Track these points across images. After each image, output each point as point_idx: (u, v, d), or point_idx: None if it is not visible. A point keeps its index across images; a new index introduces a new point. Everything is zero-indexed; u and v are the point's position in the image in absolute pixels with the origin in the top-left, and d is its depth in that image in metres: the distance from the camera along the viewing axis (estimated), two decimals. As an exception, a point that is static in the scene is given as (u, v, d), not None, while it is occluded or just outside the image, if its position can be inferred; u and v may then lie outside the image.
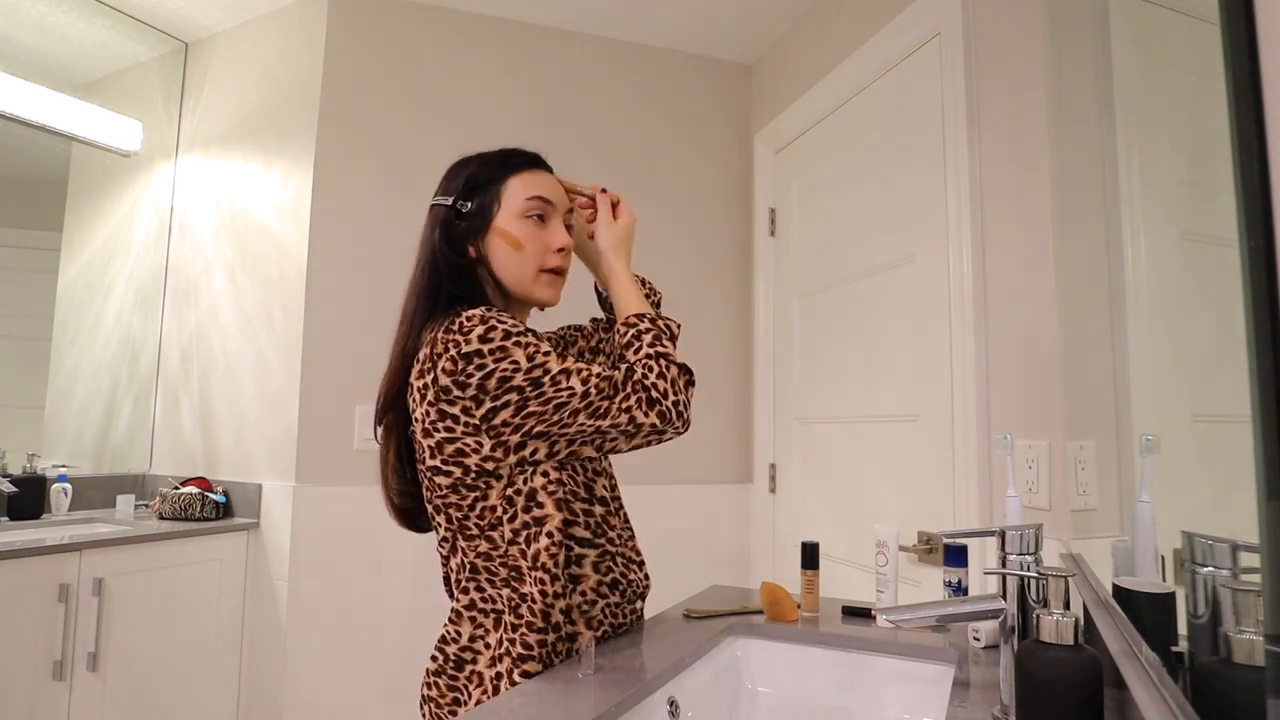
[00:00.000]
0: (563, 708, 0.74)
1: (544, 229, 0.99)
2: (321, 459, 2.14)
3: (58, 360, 2.27)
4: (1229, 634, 0.44)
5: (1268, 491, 0.34)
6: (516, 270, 0.97)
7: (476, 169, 1.00)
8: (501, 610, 0.89)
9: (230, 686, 2.14)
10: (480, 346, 0.84)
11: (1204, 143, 0.47)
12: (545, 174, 1.02)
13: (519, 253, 0.96)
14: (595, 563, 0.95)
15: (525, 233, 0.97)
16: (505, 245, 0.97)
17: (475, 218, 0.97)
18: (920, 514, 1.69)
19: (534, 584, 0.87)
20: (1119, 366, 0.78)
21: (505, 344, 0.84)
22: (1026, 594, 0.76)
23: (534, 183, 0.99)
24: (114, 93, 2.39)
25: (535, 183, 0.99)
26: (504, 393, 0.84)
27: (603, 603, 0.96)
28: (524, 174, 0.99)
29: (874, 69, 1.92)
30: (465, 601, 0.91)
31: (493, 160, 1.01)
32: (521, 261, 0.97)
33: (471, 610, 0.90)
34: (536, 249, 0.97)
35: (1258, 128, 0.35)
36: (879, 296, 1.89)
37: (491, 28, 2.40)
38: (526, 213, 0.97)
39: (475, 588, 0.90)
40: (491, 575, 0.89)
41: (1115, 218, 0.79)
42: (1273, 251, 0.34)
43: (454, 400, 0.85)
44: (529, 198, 0.97)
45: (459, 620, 0.91)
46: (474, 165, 1.01)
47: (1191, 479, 0.56)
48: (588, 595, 0.94)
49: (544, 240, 0.98)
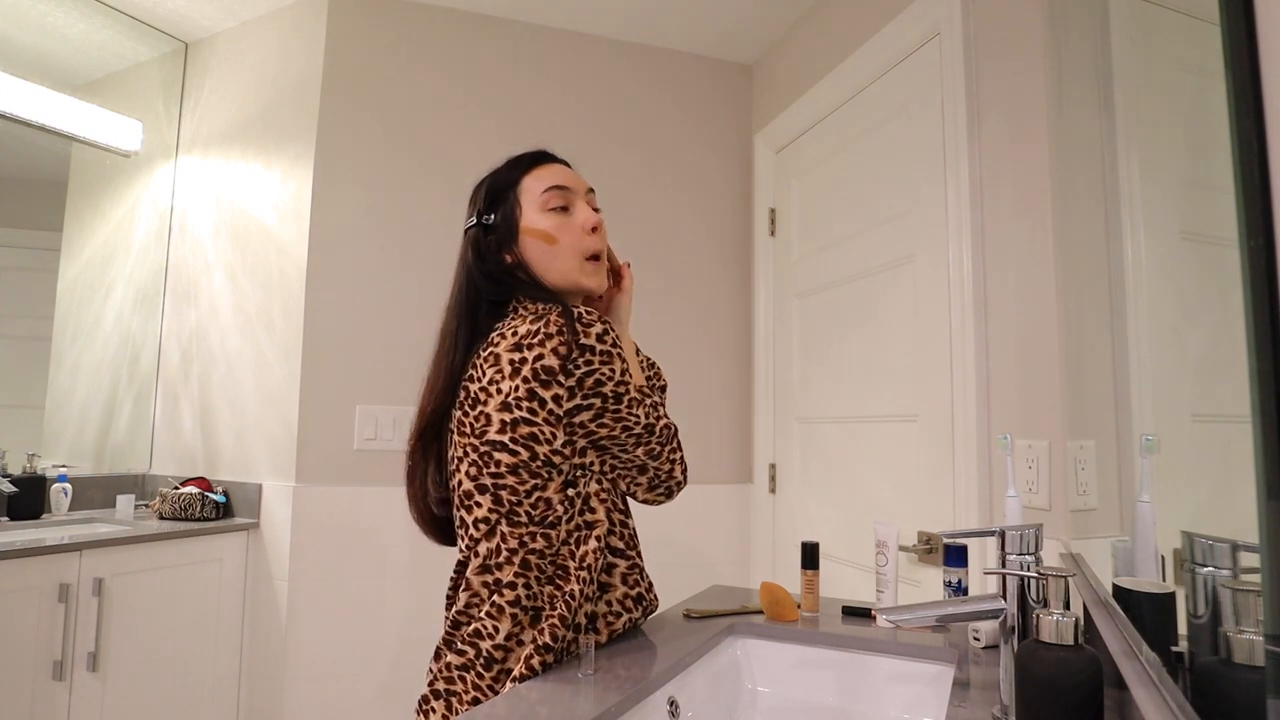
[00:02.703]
0: (563, 708, 0.74)
1: (570, 216, 0.99)
2: (321, 459, 2.14)
3: (58, 360, 2.27)
4: (1229, 634, 0.44)
5: (1268, 491, 0.34)
6: (557, 264, 0.97)
7: (490, 181, 1.02)
8: (541, 607, 0.89)
9: (230, 686, 2.14)
10: (595, 344, 0.86)
11: (1204, 142, 0.47)
12: (556, 164, 1.03)
13: (554, 246, 0.97)
14: (624, 574, 0.96)
15: (554, 224, 0.97)
16: (538, 243, 0.97)
17: (501, 226, 0.98)
18: (920, 514, 1.69)
19: (577, 582, 0.88)
20: (1119, 366, 0.78)
21: (612, 351, 0.87)
22: (1026, 594, 0.76)
23: (546, 175, 1.00)
24: (114, 93, 2.39)
25: (548, 175, 1.00)
26: (594, 396, 0.86)
27: (626, 616, 0.97)
28: (535, 170, 1.00)
29: (874, 69, 1.92)
30: (510, 597, 0.88)
31: (502, 168, 1.03)
32: (559, 254, 0.97)
33: (515, 606, 0.88)
34: (570, 238, 0.98)
35: (1258, 128, 0.35)
36: (879, 296, 1.89)
37: (492, 27, 2.40)
38: (548, 205, 0.98)
39: (524, 584, 0.88)
40: (541, 572, 0.89)
41: (1115, 218, 0.79)
42: (1273, 251, 0.34)
43: (551, 384, 0.85)
44: (546, 189, 0.98)
45: (499, 615, 0.88)
46: (487, 179, 1.03)
47: (1191, 479, 0.56)
48: (614, 606, 0.94)
49: (574, 226, 0.98)
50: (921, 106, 1.74)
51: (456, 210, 2.31)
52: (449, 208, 2.30)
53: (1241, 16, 0.36)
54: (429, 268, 2.25)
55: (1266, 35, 0.35)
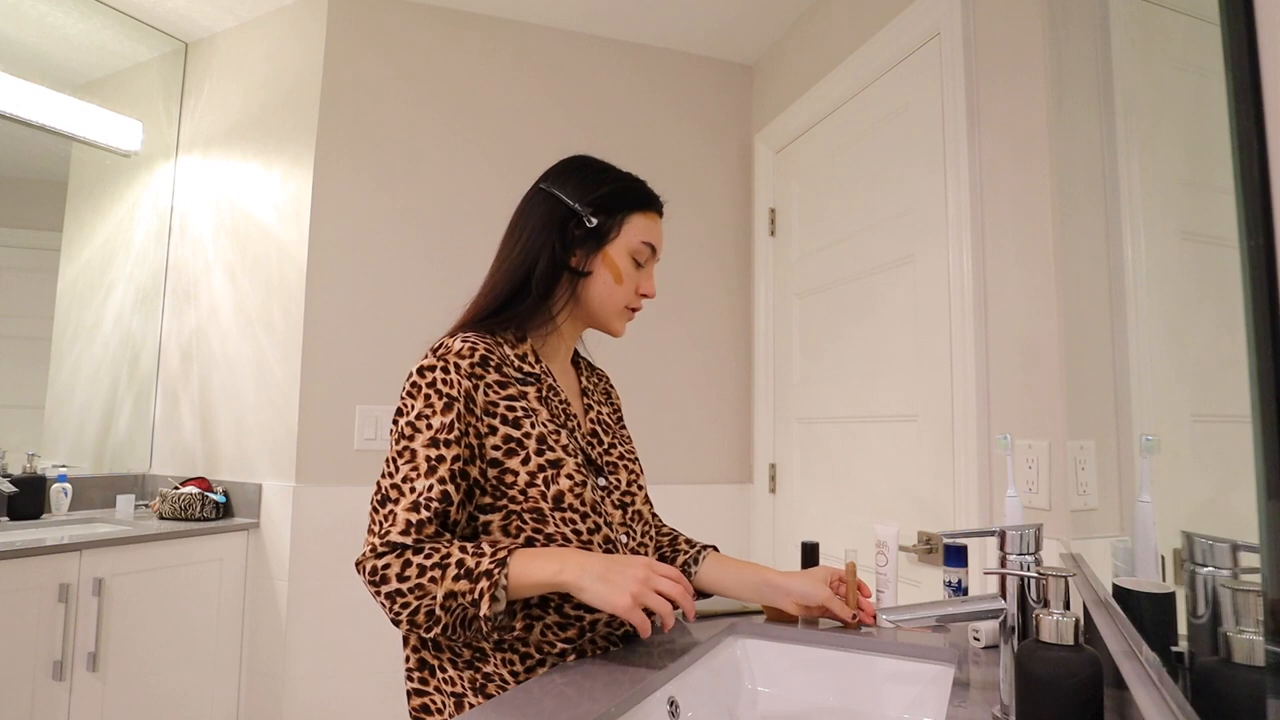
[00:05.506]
0: (563, 707, 0.74)
1: (640, 272, 1.01)
2: (321, 459, 2.14)
3: (58, 360, 2.27)
4: (1229, 634, 0.44)
5: (1268, 491, 0.34)
6: (608, 300, 0.99)
7: (612, 190, 1.00)
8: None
9: (230, 686, 2.14)
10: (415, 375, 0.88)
11: (1204, 142, 0.47)
12: (659, 220, 1.04)
13: (617, 287, 0.99)
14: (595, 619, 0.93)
15: (628, 270, 1.00)
16: (608, 275, 0.99)
17: (594, 235, 0.98)
18: (920, 514, 1.69)
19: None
20: (1119, 366, 0.78)
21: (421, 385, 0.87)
22: (1026, 594, 0.76)
23: (651, 228, 1.01)
24: (114, 93, 2.39)
25: (652, 228, 1.02)
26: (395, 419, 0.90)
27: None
28: (649, 214, 1.02)
29: (874, 69, 1.92)
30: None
31: (627, 188, 1.01)
32: (614, 294, 0.99)
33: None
34: (630, 288, 1.00)
35: (1258, 128, 0.35)
36: (879, 296, 1.89)
37: (492, 27, 2.40)
38: (636, 254, 1.00)
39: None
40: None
41: (1115, 217, 0.79)
42: (1273, 251, 0.34)
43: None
44: (644, 241, 1.00)
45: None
46: (609, 184, 1.00)
47: (1191, 479, 0.56)
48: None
49: (637, 282, 1.01)
50: (921, 106, 1.74)
51: (457, 210, 2.32)
52: (449, 208, 2.30)
53: (1241, 16, 0.36)
54: (429, 268, 2.25)
55: (1266, 35, 0.35)
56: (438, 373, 0.87)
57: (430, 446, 0.85)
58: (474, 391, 0.87)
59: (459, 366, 0.87)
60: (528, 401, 0.92)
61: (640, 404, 2.41)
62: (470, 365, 0.88)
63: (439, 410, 0.85)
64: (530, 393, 0.93)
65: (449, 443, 0.85)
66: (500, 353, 0.92)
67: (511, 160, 2.34)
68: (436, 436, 0.85)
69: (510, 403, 0.90)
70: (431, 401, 0.86)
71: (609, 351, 1.31)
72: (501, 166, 2.33)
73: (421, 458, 0.84)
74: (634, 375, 2.39)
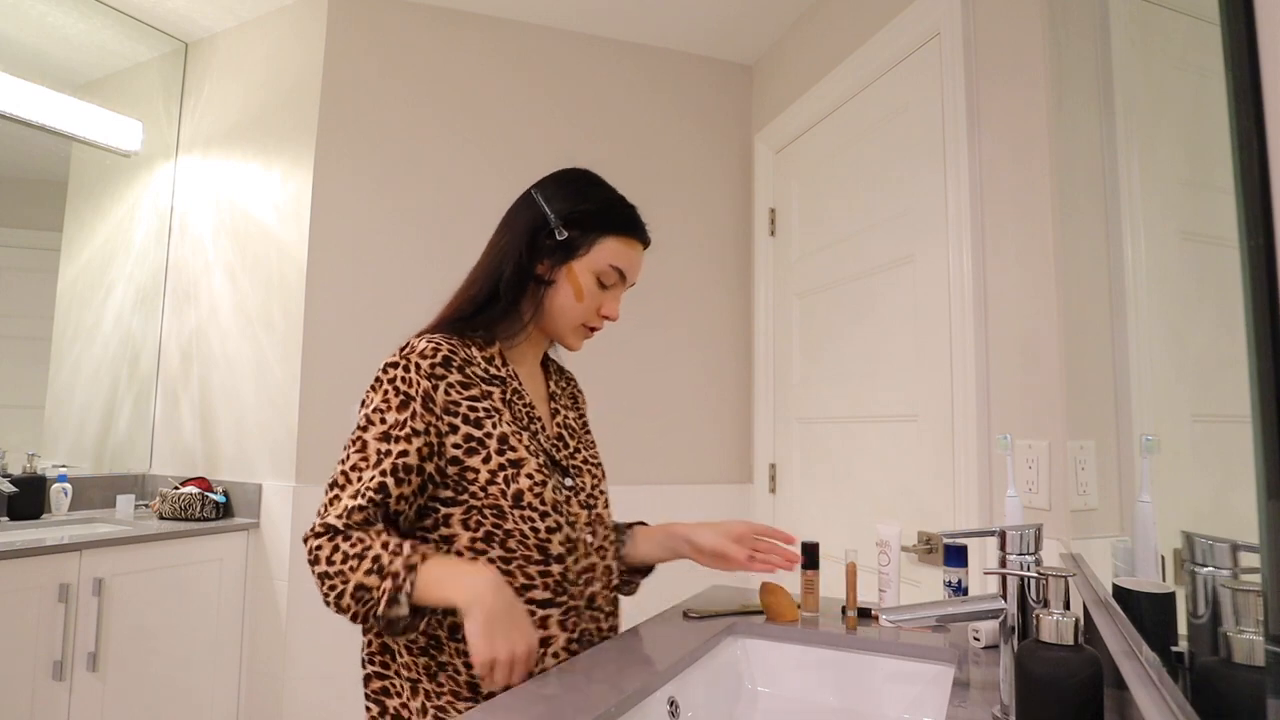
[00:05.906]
0: (563, 707, 0.74)
1: (604, 293, 1.01)
2: (321, 459, 2.14)
3: (58, 360, 2.27)
4: (1229, 634, 0.44)
5: (1268, 491, 0.34)
6: (565, 314, 1.00)
7: (594, 208, 1.00)
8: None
9: (230, 686, 2.14)
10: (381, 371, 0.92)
11: (1204, 142, 0.47)
12: (639, 249, 1.03)
13: (576, 304, 0.99)
14: (561, 620, 0.93)
15: (590, 289, 0.99)
16: (569, 290, 0.99)
17: (562, 247, 0.98)
18: (920, 514, 1.69)
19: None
20: (1119, 366, 0.78)
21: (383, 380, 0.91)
22: (1026, 594, 0.76)
23: (626, 254, 1.00)
24: (114, 93, 2.39)
25: (627, 255, 1.01)
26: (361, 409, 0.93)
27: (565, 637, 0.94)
28: (624, 240, 1.00)
29: (874, 69, 1.92)
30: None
31: (609, 210, 1.01)
32: (572, 309, 0.99)
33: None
34: (590, 306, 1.00)
35: (1258, 128, 0.35)
36: (879, 296, 1.89)
37: (492, 27, 2.40)
38: (601, 276, 0.99)
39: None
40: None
41: (1115, 217, 0.79)
42: (1273, 251, 0.34)
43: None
44: (613, 265, 1.00)
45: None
46: (593, 202, 1.00)
47: (1191, 479, 0.56)
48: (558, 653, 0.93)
49: (599, 303, 1.01)
50: (921, 106, 1.74)
51: (457, 210, 2.32)
52: (449, 208, 2.30)
53: (1241, 16, 0.36)
54: (429, 268, 2.25)
55: (1266, 35, 0.35)
56: (399, 370, 0.90)
57: (381, 440, 0.88)
58: (433, 391, 0.89)
59: (419, 366, 0.90)
60: (491, 402, 0.93)
61: (640, 404, 2.41)
62: (431, 366, 0.90)
63: (394, 407, 0.89)
64: (495, 394, 0.94)
65: (398, 439, 0.88)
66: (466, 354, 0.94)
67: (511, 160, 2.34)
68: (388, 432, 0.88)
69: (473, 403, 0.91)
70: (389, 398, 0.89)
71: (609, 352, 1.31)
72: (501, 166, 2.33)
73: (371, 450, 0.88)
74: (634, 375, 2.40)
